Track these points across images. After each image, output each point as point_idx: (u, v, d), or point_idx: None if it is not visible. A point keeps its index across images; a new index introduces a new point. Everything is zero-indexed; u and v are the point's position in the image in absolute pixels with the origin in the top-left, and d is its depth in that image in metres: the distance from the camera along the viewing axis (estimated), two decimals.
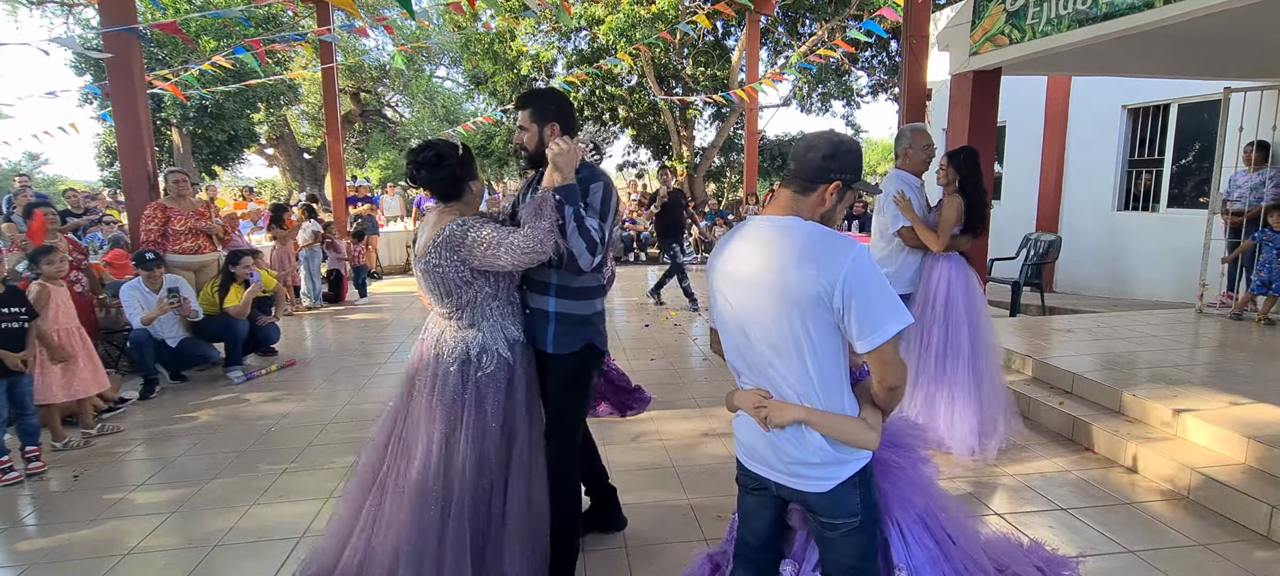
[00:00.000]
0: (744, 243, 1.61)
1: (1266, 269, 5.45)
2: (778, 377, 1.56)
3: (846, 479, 1.56)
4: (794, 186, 1.60)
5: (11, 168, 24.38)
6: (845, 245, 1.48)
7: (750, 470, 1.70)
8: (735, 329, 1.62)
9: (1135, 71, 6.23)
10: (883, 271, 1.58)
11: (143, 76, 5.73)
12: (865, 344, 1.46)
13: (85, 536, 2.89)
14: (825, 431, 1.53)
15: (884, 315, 1.44)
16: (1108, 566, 2.55)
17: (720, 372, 5.22)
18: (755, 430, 1.63)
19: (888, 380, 1.52)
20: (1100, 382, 3.93)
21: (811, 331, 1.48)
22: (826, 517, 1.58)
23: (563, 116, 2.29)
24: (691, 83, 16.03)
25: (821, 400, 1.53)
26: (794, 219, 1.56)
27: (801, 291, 1.46)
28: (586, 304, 2.32)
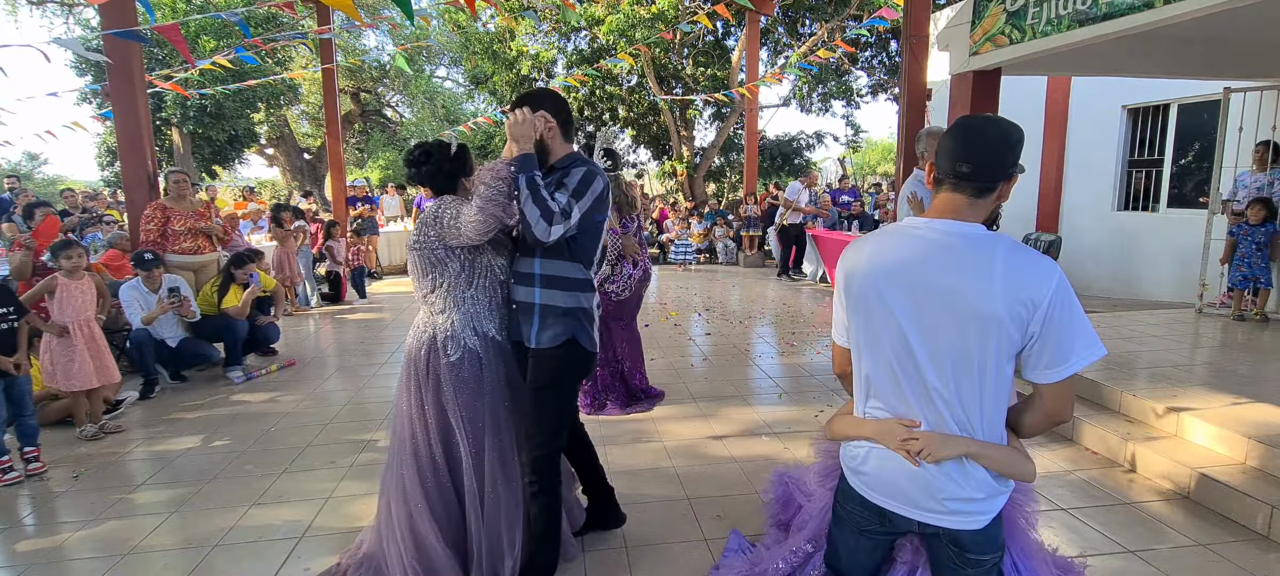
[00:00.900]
0: (918, 248, 1.43)
1: (1246, 263, 5.48)
2: (938, 403, 1.41)
3: (999, 512, 1.47)
4: (969, 190, 1.41)
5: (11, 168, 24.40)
6: (1050, 266, 1.36)
7: (881, 508, 1.52)
8: (898, 345, 1.43)
9: (1135, 71, 6.23)
10: None
11: (143, 76, 5.73)
12: (1053, 374, 1.36)
13: (85, 536, 2.89)
14: (991, 465, 1.41)
15: (1080, 344, 1.34)
16: (1108, 566, 2.55)
17: (720, 372, 5.22)
18: (897, 465, 1.46)
19: (1061, 415, 1.42)
20: (1100, 382, 3.93)
21: (995, 353, 1.36)
22: (976, 554, 1.47)
23: (554, 107, 2.23)
24: (691, 83, 16.03)
25: (983, 429, 1.41)
26: (982, 228, 1.41)
27: (1004, 309, 1.33)
28: (571, 296, 2.21)
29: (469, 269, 2.26)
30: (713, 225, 12.93)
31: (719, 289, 9.62)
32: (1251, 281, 5.49)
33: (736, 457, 3.56)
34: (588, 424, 2.89)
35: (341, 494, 3.24)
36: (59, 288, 4.02)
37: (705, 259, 12.60)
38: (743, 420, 4.15)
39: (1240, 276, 5.54)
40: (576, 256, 2.21)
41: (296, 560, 2.67)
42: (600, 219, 2.22)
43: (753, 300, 8.62)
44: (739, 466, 3.45)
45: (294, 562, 2.66)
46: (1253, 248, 5.41)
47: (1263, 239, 5.38)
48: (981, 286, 1.34)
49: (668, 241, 12.61)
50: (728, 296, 8.95)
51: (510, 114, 2.17)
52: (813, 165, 19.32)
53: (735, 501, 3.07)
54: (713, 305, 8.23)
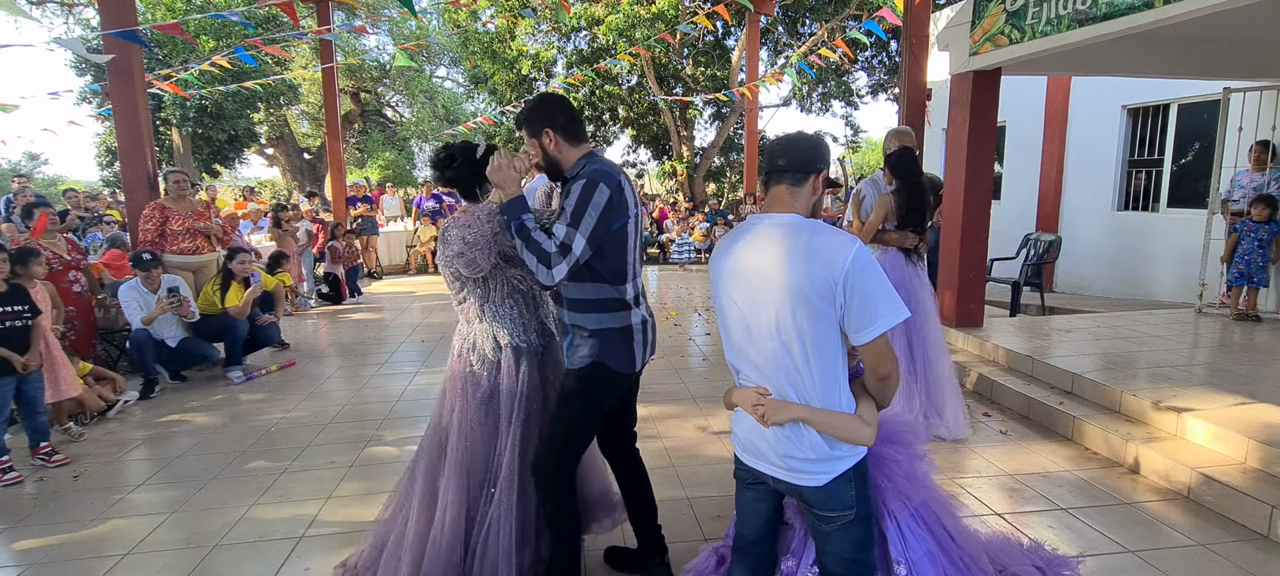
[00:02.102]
0: (748, 240, 1.64)
1: (1245, 260, 5.48)
2: (778, 374, 1.59)
3: (842, 473, 1.59)
4: (788, 181, 1.64)
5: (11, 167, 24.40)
6: (847, 241, 1.51)
7: (748, 465, 1.73)
8: (738, 325, 1.65)
9: (1135, 71, 6.23)
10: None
11: (143, 77, 5.73)
12: (862, 336, 1.50)
13: (85, 536, 2.89)
14: (823, 428, 1.56)
15: (882, 309, 1.49)
16: (1108, 566, 2.55)
17: (720, 372, 5.21)
18: (753, 426, 1.66)
19: (881, 370, 1.57)
20: (1100, 382, 3.93)
21: (813, 327, 1.52)
22: (822, 510, 1.62)
23: (551, 119, 2.10)
24: (691, 83, 16.03)
25: (819, 397, 1.57)
26: (796, 216, 1.61)
27: (808, 285, 1.49)
28: (597, 317, 2.10)
29: (484, 284, 2.23)
30: (713, 225, 12.93)
31: None
32: (1246, 278, 5.50)
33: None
34: None
35: (341, 494, 3.24)
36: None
37: (705, 259, 12.60)
38: None
39: (1238, 273, 5.54)
40: (600, 277, 2.08)
41: (296, 560, 2.67)
42: (619, 225, 2.05)
43: None
44: None
45: (294, 562, 2.66)
46: (1254, 244, 5.41)
47: (1265, 237, 5.38)
48: (790, 265, 1.52)
49: (668, 241, 12.61)
50: None
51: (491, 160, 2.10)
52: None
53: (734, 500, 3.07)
54: (713, 305, 8.23)
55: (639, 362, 2.20)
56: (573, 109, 2.16)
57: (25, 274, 3.94)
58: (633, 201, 2.10)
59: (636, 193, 2.18)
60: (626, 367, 2.16)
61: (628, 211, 2.07)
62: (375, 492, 3.24)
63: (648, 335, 2.22)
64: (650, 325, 2.25)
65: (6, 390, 3.54)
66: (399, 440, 3.93)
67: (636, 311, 2.17)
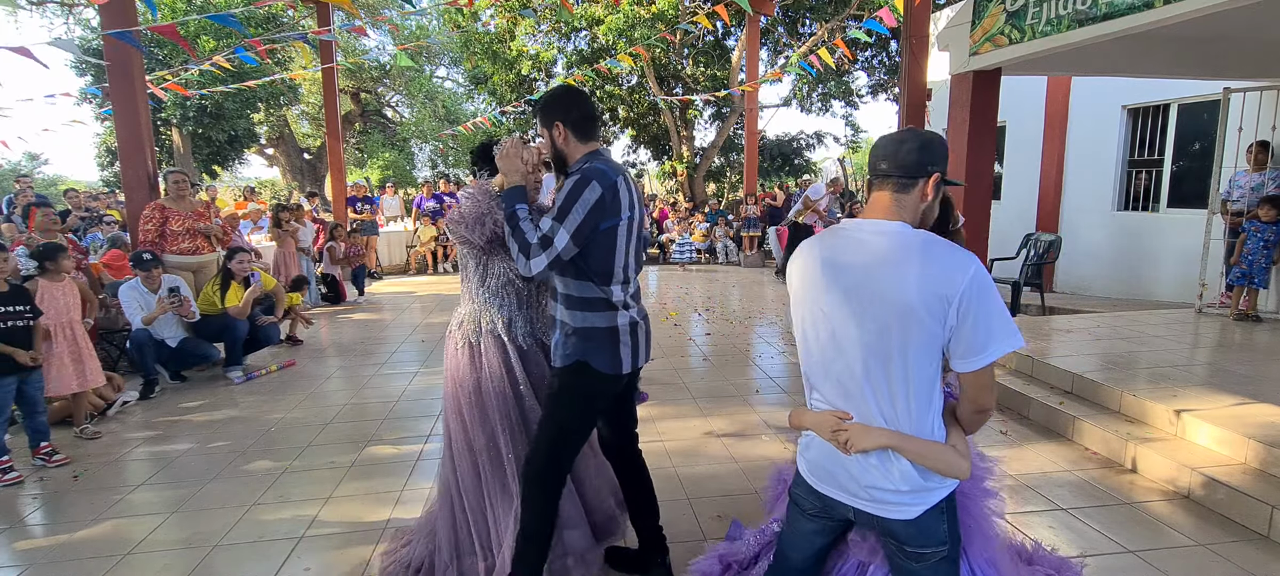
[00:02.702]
0: (847, 247, 1.50)
1: (1248, 260, 5.47)
2: (866, 396, 1.46)
3: (933, 505, 1.47)
4: (892, 186, 1.49)
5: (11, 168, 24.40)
6: (966, 257, 1.39)
7: (819, 493, 1.58)
8: (826, 339, 1.51)
9: (1135, 71, 6.23)
10: None
11: (143, 77, 5.73)
12: (971, 363, 1.38)
13: (85, 536, 2.89)
14: (914, 457, 1.44)
15: (997, 334, 1.36)
16: (1108, 566, 2.55)
17: (720, 372, 5.22)
18: (830, 453, 1.52)
19: (982, 402, 1.45)
20: (1100, 382, 3.93)
21: (915, 347, 1.39)
22: (913, 547, 1.49)
23: (564, 113, 2.10)
24: (691, 83, 16.03)
25: (910, 423, 1.44)
26: (904, 225, 1.47)
27: (918, 302, 1.37)
28: (582, 315, 2.08)
29: (483, 268, 2.33)
30: (714, 225, 12.94)
31: (719, 289, 9.62)
32: (1247, 278, 5.49)
33: (736, 457, 3.56)
34: None
35: (341, 494, 3.24)
36: (40, 290, 3.94)
37: (705, 259, 12.60)
38: (743, 420, 4.15)
39: (1239, 273, 5.54)
40: (586, 275, 2.05)
41: (296, 560, 2.67)
42: (608, 225, 2.01)
43: (753, 300, 8.62)
44: (739, 466, 3.45)
45: (294, 562, 2.66)
46: (1259, 245, 5.40)
47: (1272, 238, 5.37)
48: (898, 280, 1.39)
49: (668, 241, 12.61)
50: (728, 296, 8.95)
51: (499, 144, 2.18)
52: (814, 165, 19.33)
53: (735, 501, 3.07)
54: (713, 305, 8.23)
55: (626, 365, 2.13)
56: (589, 106, 2.13)
57: (55, 269, 4.04)
58: (629, 203, 2.06)
59: (638, 194, 2.15)
60: (611, 369, 2.10)
61: (620, 213, 2.03)
62: (375, 493, 3.24)
63: (638, 339, 2.16)
64: (642, 329, 2.19)
65: (8, 390, 3.54)
66: (399, 440, 3.93)
67: (625, 313, 2.11)
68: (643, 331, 2.21)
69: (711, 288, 9.74)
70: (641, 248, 2.22)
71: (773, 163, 18.65)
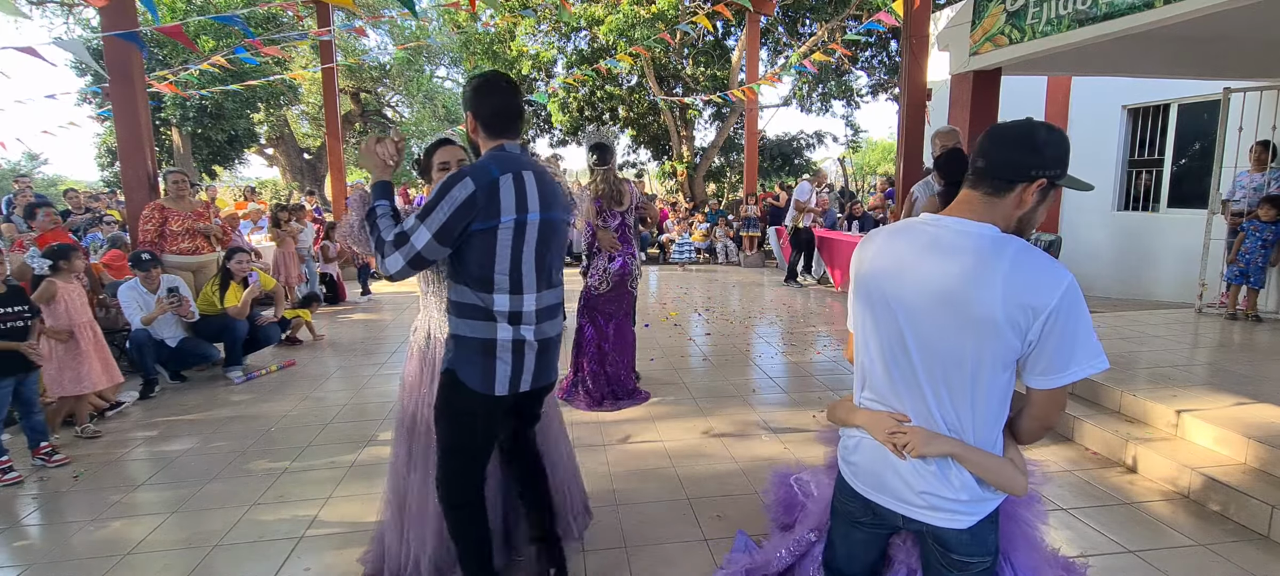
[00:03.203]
0: (926, 243, 1.40)
1: (1246, 259, 5.48)
2: (929, 401, 1.40)
3: (988, 515, 1.44)
4: (985, 188, 1.38)
5: (11, 167, 24.41)
6: (1059, 271, 1.31)
7: (867, 500, 1.53)
8: (893, 339, 1.43)
9: (1135, 71, 6.23)
10: None
11: (143, 77, 5.73)
12: (1051, 381, 1.33)
13: (85, 536, 2.89)
14: (976, 469, 1.39)
15: (1082, 355, 1.30)
16: (1108, 566, 2.55)
17: (720, 372, 5.22)
18: (882, 457, 1.47)
19: (1049, 419, 1.41)
20: (1100, 382, 3.93)
21: (992, 359, 1.32)
22: (962, 556, 1.45)
23: (476, 104, 1.98)
24: (691, 83, 16.03)
25: (975, 434, 1.39)
26: (995, 229, 1.36)
27: (1002, 314, 1.28)
28: (456, 321, 1.95)
29: (425, 275, 2.31)
30: (714, 225, 12.94)
31: (719, 289, 9.62)
32: (1244, 278, 5.50)
33: (736, 457, 3.56)
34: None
35: (341, 494, 3.24)
36: (59, 292, 4.02)
37: (705, 259, 12.60)
38: (743, 420, 4.15)
39: (1237, 272, 5.54)
40: (461, 278, 1.91)
41: (296, 560, 2.67)
42: (483, 227, 1.83)
43: (753, 300, 8.63)
44: (739, 466, 3.45)
45: (294, 562, 2.66)
46: (1257, 244, 5.40)
47: (1270, 238, 5.37)
48: (982, 288, 1.30)
49: (668, 241, 12.61)
50: (728, 296, 8.95)
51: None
52: (813, 165, 19.33)
53: (735, 501, 3.07)
54: (713, 305, 8.23)
55: (500, 386, 1.93)
56: (506, 101, 1.97)
57: (68, 268, 4.10)
58: (520, 205, 1.86)
59: (555, 197, 1.98)
60: (481, 386, 1.92)
61: (500, 215, 1.84)
62: (375, 493, 3.23)
63: (522, 359, 1.95)
64: (531, 349, 1.96)
65: (5, 391, 3.54)
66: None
67: (509, 327, 1.92)
68: (532, 352, 1.97)
69: (711, 287, 9.74)
70: (551, 255, 2.00)
71: (773, 163, 18.65)
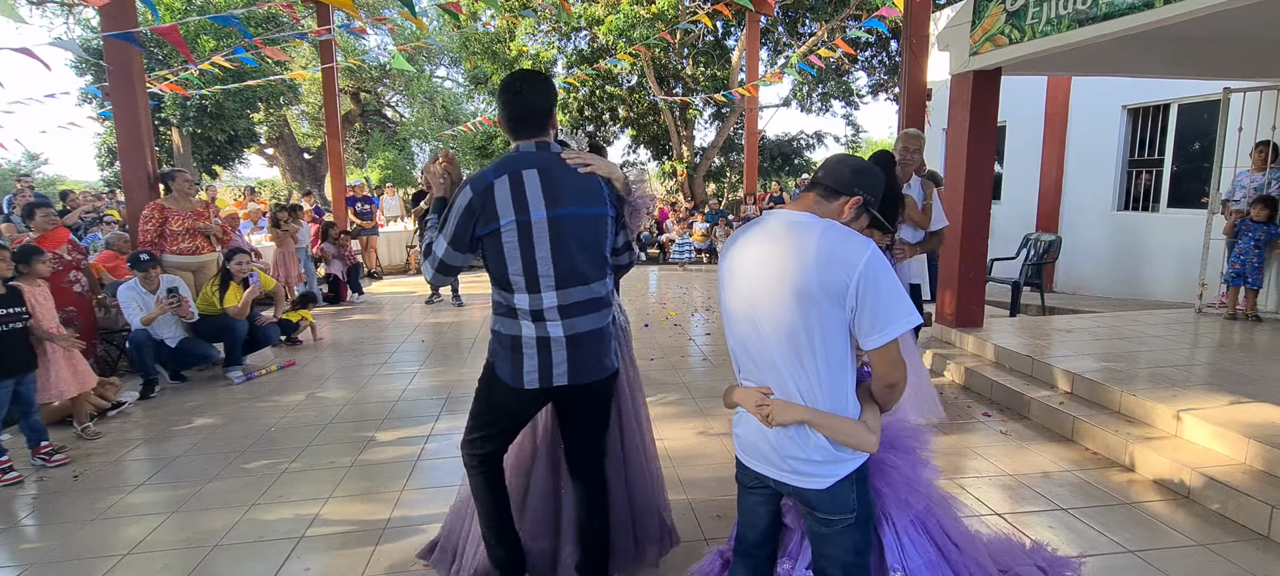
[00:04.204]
0: (761, 234, 1.62)
1: (1241, 260, 5.48)
2: (783, 374, 1.57)
3: (846, 476, 1.58)
4: (819, 191, 1.64)
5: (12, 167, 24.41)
6: (861, 243, 1.49)
7: (750, 468, 1.70)
8: (744, 320, 1.62)
9: (1135, 71, 6.23)
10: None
11: (143, 77, 5.73)
12: (873, 341, 1.48)
13: (85, 536, 2.89)
14: (827, 432, 1.54)
15: (894, 314, 1.46)
16: (1108, 566, 2.55)
17: (720, 372, 5.21)
18: (756, 428, 1.63)
19: (889, 377, 1.54)
20: (1100, 382, 3.93)
21: (821, 328, 1.49)
22: (823, 513, 1.61)
23: (500, 108, 2.05)
24: (691, 83, 16.03)
25: (825, 400, 1.54)
26: (809, 214, 1.59)
27: (818, 285, 1.46)
28: (494, 317, 2.08)
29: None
30: (714, 225, 12.94)
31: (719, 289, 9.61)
32: (1242, 278, 5.50)
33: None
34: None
35: (342, 493, 3.24)
36: (28, 295, 3.80)
37: (705, 259, 12.60)
38: None
39: (1234, 272, 5.55)
40: (491, 278, 2.03)
41: (296, 560, 2.67)
42: (487, 231, 1.91)
43: None
44: None
45: (294, 562, 2.66)
46: (1251, 244, 5.41)
47: (1263, 238, 5.38)
48: (798, 264, 1.49)
49: (668, 241, 12.61)
50: None
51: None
52: (813, 166, 19.33)
53: (735, 501, 3.07)
54: (713, 305, 8.23)
55: (528, 380, 1.99)
56: (513, 104, 1.98)
57: (29, 272, 3.93)
58: (516, 207, 1.89)
59: (563, 193, 1.94)
60: (510, 379, 2.01)
61: (499, 217, 1.89)
62: (376, 493, 3.24)
63: (549, 356, 1.98)
64: (557, 345, 1.98)
65: (5, 391, 3.54)
66: (399, 440, 3.92)
67: (533, 325, 1.97)
68: (561, 348, 1.99)
69: (711, 288, 9.74)
70: (572, 252, 1.96)
71: (773, 163, 18.66)
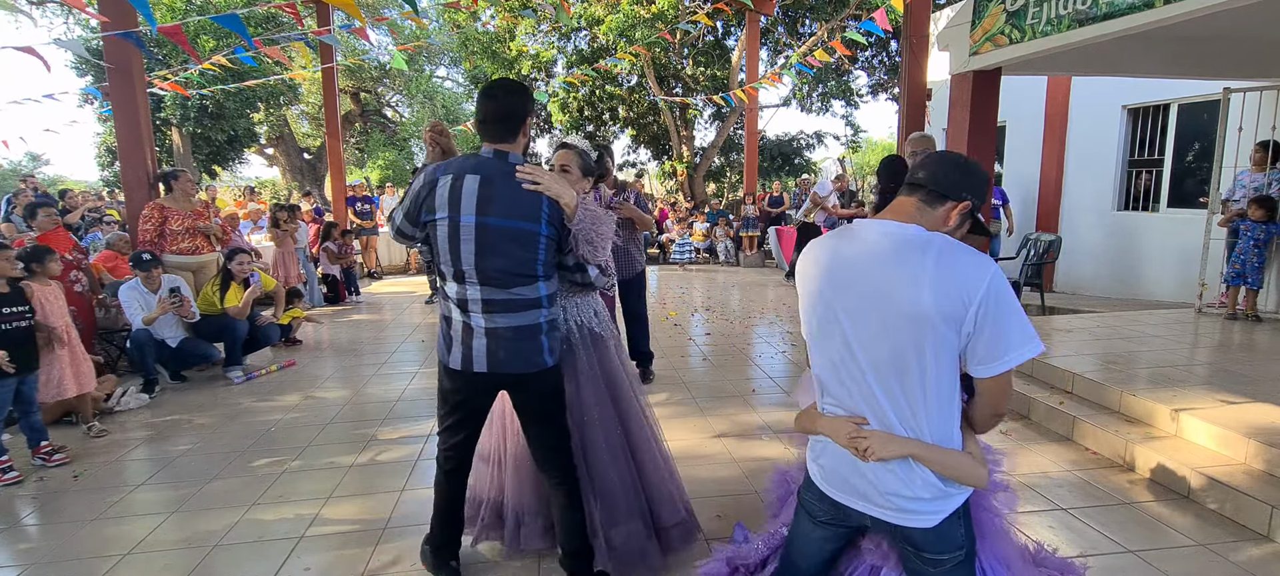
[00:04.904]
0: (857, 249, 1.45)
1: (1241, 260, 5.48)
2: (882, 403, 1.42)
3: (953, 512, 1.45)
4: (921, 195, 1.46)
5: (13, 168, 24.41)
6: (983, 262, 1.35)
7: (834, 501, 1.54)
8: (839, 344, 1.46)
9: (1135, 71, 6.23)
10: None
11: (143, 77, 5.74)
12: (990, 369, 1.36)
13: (85, 536, 2.89)
14: (936, 467, 1.41)
15: (1016, 340, 1.34)
16: (1108, 566, 2.55)
17: (720, 372, 5.22)
18: (846, 460, 1.48)
19: (998, 407, 1.44)
20: (1100, 382, 3.93)
21: (934, 355, 1.36)
22: (931, 553, 1.47)
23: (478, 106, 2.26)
24: (691, 83, 16.03)
25: (930, 431, 1.41)
26: (920, 229, 1.42)
27: (934, 308, 1.33)
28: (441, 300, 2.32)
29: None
30: (714, 225, 12.94)
31: (719, 289, 9.62)
32: (1241, 278, 5.50)
33: (736, 457, 3.56)
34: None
35: (342, 493, 3.24)
36: (34, 295, 3.83)
37: (705, 259, 12.60)
38: (743, 420, 4.15)
39: (1234, 273, 5.55)
40: (435, 262, 2.18)
41: (296, 560, 2.67)
42: (429, 218, 2.09)
43: (753, 300, 8.62)
44: (739, 467, 3.45)
45: (294, 562, 2.66)
46: (1250, 244, 5.41)
47: (1262, 238, 5.38)
48: (911, 286, 1.34)
49: (668, 241, 12.61)
50: (728, 296, 8.95)
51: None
52: (813, 166, 19.34)
53: (735, 501, 3.07)
54: (713, 305, 8.23)
55: (453, 360, 2.17)
56: (482, 109, 2.11)
57: (42, 271, 3.98)
58: (449, 205, 2.04)
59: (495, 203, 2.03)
60: (443, 356, 2.22)
61: (435, 210, 2.07)
62: (376, 492, 3.25)
63: (469, 342, 2.12)
64: (479, 334, 2.11)
65: (6, 390, 3.54)
66: (399, 440, 3.93)
67: (457, 312, 2.14)
68: (480, 338, 2.11)
69: (711, 288, 9.74)
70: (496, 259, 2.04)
71: (773, 163, 18.66)
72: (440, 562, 2.47)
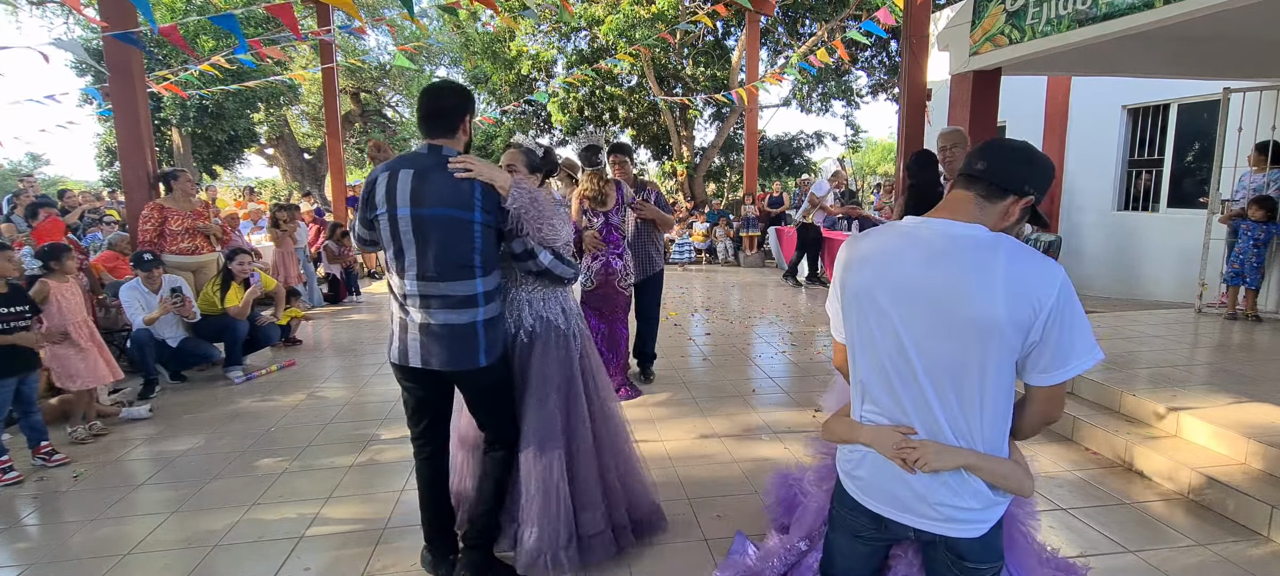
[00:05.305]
0: (912, 249, 1.37)
1: (1240, 260, 5.48)
2: (936, 409, 1.36)
3: (998, 521, 1.42)
4: (979, 189, 1.37)
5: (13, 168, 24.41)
6: (1052, 268, 1.30)
7: (880, 515, 1.47)
8: (893, 349, 1.38)
9: (1135, 71, 6.23)
10: None
11: (143, 77, 5.73)
12: (1051, 377, 1.32)
13: (85, 536, 2.89)
14: (988, 477, 1.36)
15: (1081, 349, 1.29)
16: (1108, 567, 2.55)
17: (720, 372, 5.21)
18: (890, 472, 1.42)
19: (1053, 415, 1.40)
20: (1100, 382, 3.93)
21: (997, 362, 1.30)
22: (974, 563, 1.43)
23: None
24: (691, 83, 16.03)
25: (983, 440, 1.36)
26: (985, 230, 1.35)
27: (1005, 317, 1.26)
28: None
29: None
30: (714, 225, 12.94)
31: (719, 289, 9.62)
32: (1240, 278, 5.51)
33: (736, 458, 3.56)
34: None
35: (342, 493, 3.24)
36: (52, 292, 4.00)
37: (705, 259, 12.60)
38: (743, 420, 4.15)
39: (1233, 272, 5.55)
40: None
41: (296, 560, 2.67)
42: (371, 216, 2.19)
43: (753, 300, 8.62)
44: (739, 466, 3.45)
45: (294, 562, 2.66)
46: (1249, 245, 5.41)
47: (1261, 238, 5.38)
48: (982, 290, 1.28)
49: (668, 241, 12.61)
50: (728, 296, 8.95)
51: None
52: (813, 166, 19.33)
53: (735, 501, 3.07)
54: (713, 305, 8.23)
55: (392, 353, 2.27)
56: (428, 103, 2.18)
57: (59, 269, 4.10)
58: (386, 201, 2.12)
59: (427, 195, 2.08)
60: (388, 350, 2.31)
61: (376, 207, 2.15)
62: (376, 492, 3.24)
63: (404, 337, 2.21)
64: (412, 327, 2.18)
65: (6, 390, 3.55)
66: (400, 439, 3.92)
67: (397, 305, 2.22)
68: (413, 332, 2.18)
69: (711, 288, 9.74)
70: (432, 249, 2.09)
71: (773, 163, 18.65)
72: (439, 558, 2.46)
